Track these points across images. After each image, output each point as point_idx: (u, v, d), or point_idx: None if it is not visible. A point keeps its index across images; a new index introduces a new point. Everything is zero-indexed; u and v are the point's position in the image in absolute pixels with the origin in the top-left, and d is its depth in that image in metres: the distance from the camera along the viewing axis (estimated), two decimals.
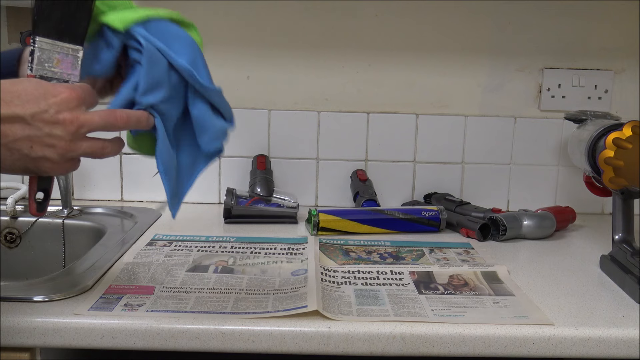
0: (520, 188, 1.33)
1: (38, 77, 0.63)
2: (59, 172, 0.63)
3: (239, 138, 1.29)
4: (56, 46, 0.64)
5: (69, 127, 0.60)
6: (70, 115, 0.60)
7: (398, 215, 1.14)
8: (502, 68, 1.29)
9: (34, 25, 0.63)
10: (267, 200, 1.18)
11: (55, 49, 0.64)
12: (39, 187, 0.67)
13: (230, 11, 1.25)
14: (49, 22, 0.63)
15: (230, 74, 1.27)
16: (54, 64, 0.64)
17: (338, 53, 1.27)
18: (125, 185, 1.30)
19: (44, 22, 0.63)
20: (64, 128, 0.60)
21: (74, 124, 0.60)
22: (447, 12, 1.26)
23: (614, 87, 1.30)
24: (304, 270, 0.90)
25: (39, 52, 0.63)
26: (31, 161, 0.60)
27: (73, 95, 0.60)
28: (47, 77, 0.63)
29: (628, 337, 0.74)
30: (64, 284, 0.82)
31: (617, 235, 0.97)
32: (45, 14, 0.63)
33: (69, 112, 0.60)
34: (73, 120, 0.60)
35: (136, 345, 0.73)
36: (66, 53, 0.64)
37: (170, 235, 1.06)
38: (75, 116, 0.60)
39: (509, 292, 0.85)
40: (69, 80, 0.64)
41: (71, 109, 0.60)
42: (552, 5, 1.26)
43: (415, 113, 1.30)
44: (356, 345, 0.73)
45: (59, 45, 0.64)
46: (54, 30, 0.63)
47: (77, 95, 0.61)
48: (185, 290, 0.82)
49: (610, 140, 0.91)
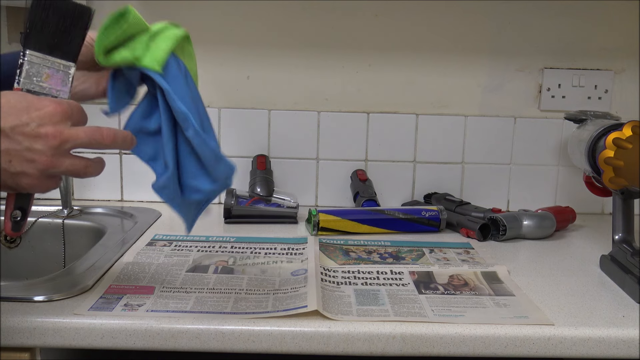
0: (520, 188, 1.33)
1: (25, 90, 0.61)
2: (38, 189, 0.60)
3: (239, 138, 1.29)
4: (47, 61, 0.61)
5: (50, 142, 0.57)
6: (53, 129, 0.57)
7: (398, 215, 1.14)
8: (502, 68, 1.29)
9: (25, 38, 0.61)
10: (267, 200, 1.18)
11: (46, 64, 0.61)
12: (16, 204, 0.64)
13: (230, 11, 1.25)
14: (41, 36, 0.61)
15: (230, 74, 1.27)
16: (42, 79, 0.61)
17: (338, 53, 1.27)
18: (125, 185, 1.30)
19: (36, 35, 0.61)
20: (45, 142, 0.57)
21: (56, 139, 0.57)
22: (447, 12, 1.26)
23: (614, 87, 1.30)
24: (304, 270, 0.90)
25: (28, 65, 0.61)
26: (10, 176, 0.58)
27: (58, 110, 0.58)
28: (34, 91, 0.61)
29: (628, 337, 0.74)
30: (64, 284, 0.82)
31: (617, 235, 0.97)
32: (38, 26, 0.61)
33: (52, 126, 0.57)
34: (56, 134, 0.57)
35: (136, 345, 0.73)
36: (57, 69, 0.62)
37: (170, 235, 1.06)
38: (59, 131, 0.57)
39: (509, 292, 0.85)
40: (57, 96, 0.62)
41: (55, 123, 0.57)
42: (552, 5, 1.26)
43: (415, 113, 1.30)
44: (356, 345, 0.73)
45: (50, 60, 0.61)
46: (46, 45, 0.61)
47: (63, 110, 0.58)
48: (185, 290, 0.82)
49: (610, 140, 0.91)
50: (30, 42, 0.61)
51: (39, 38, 0.61)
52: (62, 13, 0.62)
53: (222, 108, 1.28)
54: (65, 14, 0.62)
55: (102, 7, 1.23)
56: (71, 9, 0.63)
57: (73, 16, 0.63)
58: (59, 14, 0.62)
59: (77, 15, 0.63)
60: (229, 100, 1.28)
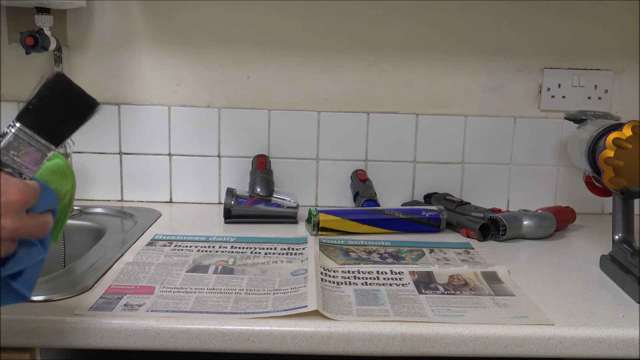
0: (520, 188, 1.33)
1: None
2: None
3: (239, 138, 1.29)
4: (32, 139, 0.59)
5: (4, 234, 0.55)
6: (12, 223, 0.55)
7: (398, 215, 1.14)
8: (502, 68, 1.29)
9: (24, 112, 0.58)
10: (267, 200, 1.18)
11: (30, 141, 0.59)
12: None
13: (231, 11, 1.25)
14: (39, 116, 0.59)
15: (230, 74, 1.27)
16: (19, 154, 0.59)
17: (338, 53, 1.27)
18: (125, 185, 1.30)
19: (35, 114, 0.59)
20: None
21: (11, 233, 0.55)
22: (447, 12, 1.26)
23: (614, 87, 1.30)
24: (304, 270, 0.90)
25: (12, 138, 0.58)
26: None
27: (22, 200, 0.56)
28: (5, 163, 0.58)
29: (628, 337, 0.74)
30: (64, 284, 0.82)
31: (617, 235, 0.97)
32: (40, 107, 0.59)
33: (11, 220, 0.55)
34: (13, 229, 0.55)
35: (136, 345, 0.73)
36: (38, 148, 0.59)
37: (170, 235, 1.06)
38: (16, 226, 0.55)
39: (509, 292, 0.85)
40: (23, 174, 0.59)
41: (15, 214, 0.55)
42: (552, 5, 1.26)
43: (415, 113, 1.30)
44: (356, 345, 0.73)
45: (36, 139, 0.59)
46: (40, 126, 0.59)
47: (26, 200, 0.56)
48: (185, 291, 0.82)
49: (610, 140, 0.91)
50: (25, 119, 0.58)
51: (36, 118, 0.59)
52: (72, 103, 0.61)
53: (222, 108, 1.28)
54: (74, 104, 0.61)
55: (102, 7, 1.24)
56: (80, 100, 0.61)
57: (80, 108, 0.61)
58: (68, 103, 0.60)
59: (84, 108, 0.62)
60: (229, 100, 1.28)
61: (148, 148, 1.29)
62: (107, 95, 1.27)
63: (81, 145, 1.27)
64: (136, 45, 1.26)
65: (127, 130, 1.28)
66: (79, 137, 1.25)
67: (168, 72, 1.27)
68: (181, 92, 1.28)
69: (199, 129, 1.29)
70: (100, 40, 1.26)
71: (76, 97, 0.61)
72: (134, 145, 1.29)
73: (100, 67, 1.27)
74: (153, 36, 1.26)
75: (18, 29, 1.21)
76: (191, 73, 1.27)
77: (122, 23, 1.25)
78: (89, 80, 1.27)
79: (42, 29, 1.16)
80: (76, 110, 0.61)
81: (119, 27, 1.25)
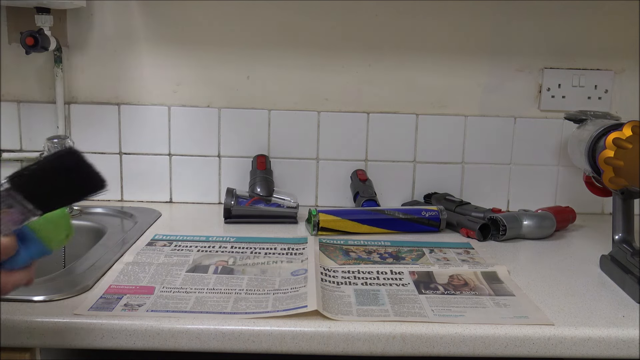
0: (520, 188, 1.32)
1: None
2: None
3: (239, 138, 1.29)
4: (20, 204, 0.57)
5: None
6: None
7: (398, 215, 1.14)
8: (502, 68, 1.29)
9: (18, 177, 0.57)
10: (267, 200, 1.18)
11: (15, 204, 0.57)
12: None
13: (230, 11, 1.25)
14: (33, 186, 0.58)
15: (230, 74, 1.27)
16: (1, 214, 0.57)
17: (338, 53, 1.27)
18: (125, 185, 1.30)
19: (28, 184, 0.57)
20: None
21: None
22: (447, 12, 1.26)
23: (614, 87, 1.30)
24: (304, 270, 0.90)
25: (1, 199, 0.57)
26: None
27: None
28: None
29: (628, 337, 0.74)
30: (64, 284, 0.82)
31: (617, 235, 0.97)
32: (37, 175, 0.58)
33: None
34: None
35: (136, 345, 0.73)
36: (22, 212, 0.58)
37: (170, 235, 1.06)
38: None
39: (509, 292, 0.85)
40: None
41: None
42: (552, 5, 1.26)
43: (415, 113, 1.30)
44: (356, 345, 0.73)
45: (23, 204, 0.57)
46: (32, 193, 0.57)
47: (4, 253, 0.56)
48: (185, 291, 0.82)
49: (610, 140, 0.91)
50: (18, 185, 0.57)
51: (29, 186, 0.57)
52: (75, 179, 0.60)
53: (222, 108, 1.28)
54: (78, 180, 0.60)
55: (102, 7, 1.24)
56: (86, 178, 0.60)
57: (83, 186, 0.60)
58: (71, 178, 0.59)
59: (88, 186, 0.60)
60: (229, 100, 1.28)
61: (148, 148, 1.29)
62: (107, 95, 1.27)
63: (81, 145, 1.27)
64: (136, 45, 1.26)
65: (127, 130, 1.28)
66: (79, 137, 1.25)
67: (168, 72, 1.27)
68: (181, 92, 1.28)
69: (199, 129, 1.29)
70: (100, 40, 1.26)
71: (82, 175, 0.60)
72: (133, 145, 1.29)
73: (100, 67, 1.27)
74: (153, 36, 1.26)
75: (18, 29, 1.21)
76: (191, 73, 1.27)
77: (122, 23, 1.25)
78: (89, 80, 1.27)
79: (42, 29, 1.16)
80: (79, 186, 0.60)
81: (119, 27, 1.25)
